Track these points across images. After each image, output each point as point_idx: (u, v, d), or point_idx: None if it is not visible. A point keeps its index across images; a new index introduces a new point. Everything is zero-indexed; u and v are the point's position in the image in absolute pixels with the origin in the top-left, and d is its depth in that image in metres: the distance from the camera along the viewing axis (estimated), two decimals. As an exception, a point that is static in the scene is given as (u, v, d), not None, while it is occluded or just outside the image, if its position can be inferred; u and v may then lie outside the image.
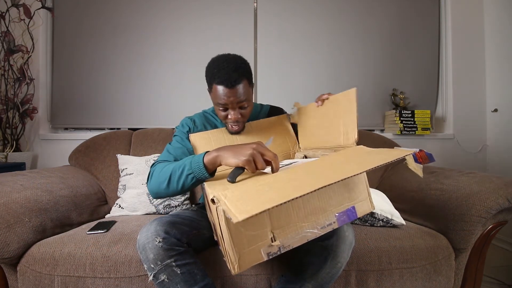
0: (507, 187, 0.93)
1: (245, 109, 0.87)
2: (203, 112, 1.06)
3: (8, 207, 0.85)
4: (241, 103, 0.84)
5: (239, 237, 0.54)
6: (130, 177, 1.28)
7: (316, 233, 0.61)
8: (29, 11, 1.60)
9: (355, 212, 0.66)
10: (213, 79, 0.82)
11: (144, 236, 0.70)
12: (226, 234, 0.54)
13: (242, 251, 0.54)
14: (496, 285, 1.30)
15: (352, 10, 1.92)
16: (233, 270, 0.54)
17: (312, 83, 1.89)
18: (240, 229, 0.54)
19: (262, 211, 0.42)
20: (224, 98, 0.82)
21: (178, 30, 1.82)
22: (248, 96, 0.86)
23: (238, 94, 0.82)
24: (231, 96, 0.82)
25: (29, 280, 0.84)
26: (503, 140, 1.85)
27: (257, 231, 0.56)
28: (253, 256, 0.55)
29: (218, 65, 0.82)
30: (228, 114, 0.86)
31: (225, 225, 0.53)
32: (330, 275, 0.75)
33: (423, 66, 1.98)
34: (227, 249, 0.54)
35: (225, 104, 0.84)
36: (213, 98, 0.87)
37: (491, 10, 1.93)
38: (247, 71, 0.85)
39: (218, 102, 0.84)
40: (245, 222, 0.49)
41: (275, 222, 0.58)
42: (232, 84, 0.80)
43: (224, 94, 0.81)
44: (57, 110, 1.77)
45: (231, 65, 0.81)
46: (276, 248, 0.57)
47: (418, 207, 1.11)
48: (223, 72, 0.80)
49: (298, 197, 0.44)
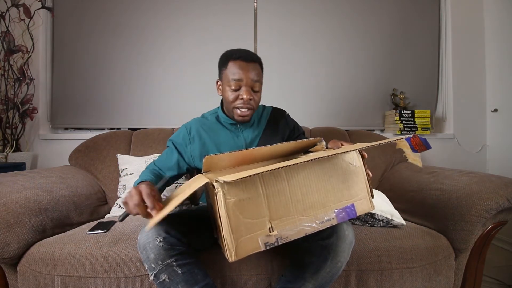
0: (507, 187, 0.93)
1: (256, 93, 0.90)
2: (202, 116, 1.06)
3: (8, 207, 0.85)
4: (254, 84, 0.88)
5: (237, 224, 0.55)
6: (130, 177, 1.28)
7: (314, 227, 0.61)
8: (29, 11, 1.60)
9: (354, 210, 0.66)
10: (230, 57, 0.87)
11: (145, 236, 0.70)
12: (224, 219, 0.54)
13: (240, 238, 0.55)
14: (496, 285, 1.30)
15: (352, 10, 1.92)
16: (230, 257, 0.55)
17: (312, 83, 1.89)
18: (238, 215, 0.55)
19: (249, 176, 0.50)
20: (240, 72, 0.85)
21: (178, 30, 1.82)
22: (260, 79, 0.90)
23: (254, 71, 0.87)
24: (247, 71, 0.86)
25: (29, 280, 0.84)
26: (503, 140, 1.85)
27: (255, 220, 0.57)
28: (250, 244, 0.56)
29: (234, 49, 0.90)
30: (240, 94, 0.88)
31: (224, 211, 0.54)
32: (330, 275, 0.75)
33: (423, 66, 1.98)
34: (224, 235, 0.55)
35: (239, 80, 0.86)
36: (226, 77, 0.89)
37: (491, 10, 1.93)
38: (260, 59, 0.93)
39: (233, 78, 0.86)
40: (243, 208, 0.55)
41: (274, 213, 0.59)
42: (249, 59, 0.86)
43: (242, 68, 0.85)
44: (57, 110, 1.77)
45: (247, 50, 0.91)
46: (274, 239, 0.57)
47: (418, 207, 1.11)
48: (241, 51, 0.88)
49: (281, 168, 0.53)
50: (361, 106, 1.93)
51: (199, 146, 0.97)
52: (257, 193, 0.58)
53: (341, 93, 1.91)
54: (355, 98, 1.92)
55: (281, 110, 1.11)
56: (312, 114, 1.88)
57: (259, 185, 0.58)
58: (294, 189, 0.61)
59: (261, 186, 0.59)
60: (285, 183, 0.61)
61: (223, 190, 0.54)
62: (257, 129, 1.02)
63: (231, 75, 0.86)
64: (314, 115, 1.88)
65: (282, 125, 1.06)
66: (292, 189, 0.61)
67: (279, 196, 0.60)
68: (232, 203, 0.55)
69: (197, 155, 0.97)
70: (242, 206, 0.56)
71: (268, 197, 0.59)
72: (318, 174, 0.64)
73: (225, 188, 0.55)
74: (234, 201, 0.55)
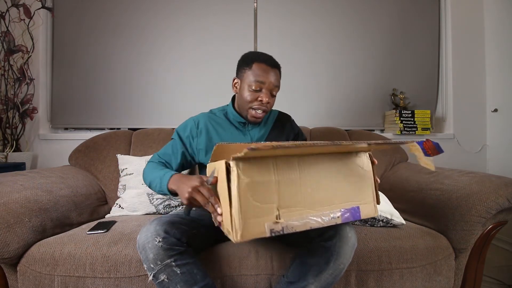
0: (507, 187, 0.93)
1: (273, 97, 0.93)
2: (210, 112, 1.06)
3: (8, 207, 0.85)
4: (274, 88, 0.91)
5: (246, 205, 0.56)
6: (130, 177, 1.28)
7: (320, 222, 0.62)
8: (29, 11, 1.60)
9: (359, 212, 0.67)
10: (256, 59, 0.90)
11: (144, 236, 0.70)
12: (235, 199, 0.55)
13: (248, 220, 0.55)
14: (496, 285, 1.30)
15: (352, 10, 1.92)
16: (235, 237, 0.55)
17: (312, 83, 1.89)
18: (249, 197, 0.56)
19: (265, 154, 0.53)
20: (264, 75, 0.88)
21: (178, 30, 1.82)
22: (279, 85, 0.94)
23: (277, 77, 0.90)
24: (272, 76, 0.89)
25: (29, 280, 0.84)
26: (503, 140, 1.85)
27: (264, 204, 0.57)
28: (257, 228, 0.56)
29: (258, 52, 0.93)
30: (260, 95, 0.90)
31: (236, 190, 0.55)
32: (332, 276, 0.75)
33: (423, 66, 1.98)
34: (233, 214, 0.55)
35: (262, 83, 0.88)
36: (249, 77, 0.90)
37: (491, 10, 1.93)
38: (280, 67, 0.96)
39: (257, 79, 0.88)
40: (254, 190, 0.56)
41: (282, 201, 0.59)
42: (273, 64, 0.89)
43: (266, 71, 0.88)
44: (57, 110, 1.77)
45: (271, 56, 0.94)
46: (280, 227, 0.58)
47: (418, 207, 1.11)
48: (267, 55, 0.91)
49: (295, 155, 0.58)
50: (361, 106, 1.93)
51: (205, 140, 0.97)
52: (270, 178, 0.58)
53: (341, 93, 1.91)
54: (355, 98, 1.92)
55: (287, 114, 1.14)
56: (312, 114, 1.88)
57: (272, 170, 0.59)
58: (304, 181, 0.62)
59: (274, 173, 0.59)
60: (297, 174, 0.62)
61: (237, 169, 0.55)
62: (264, 129, 1.03)
63: (254, 76, 0.88)
64: (314, 115, 1.88)
65: (288, 128, 1.09)
66: (303, 181, 0.62)
67: (290, 185, 0.60)
68: (245, 183, 0.55)
69: (202, 148, 0.97)
70: (254, 188, 0.56)
71: (279, 184, 0.59)
72: (329, 171, 0.65)
73: (240, 168, 0.55)
74: (247, 182, 0.56)
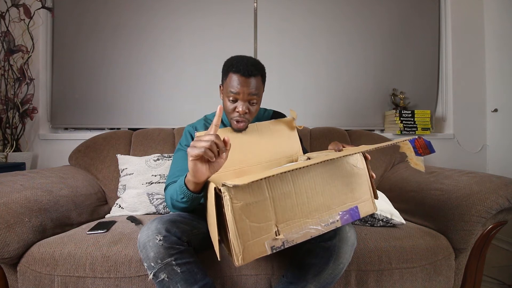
0: (507, 187, 0.93)
1: (253, 105, 0.89)
2: (205, 117, 1.07)
3: (8, 207, 0.85)
4: (252, 97, 0.87)
5: (244, 228, 0.55)
6: (130, 177, 1.28)
7: (319, 230, 0.61)
8: (29, 11, 1.59)
9: (358, 212, 0.67)
10: (231, 68, 0.87)
11: (145, 234, 0.70)
12: (231, 224, 0.54)
13: (247, 242, 0.55)
14: (496, 285, 1.30)
15: (352, 10, 1.92)
16: (237, 261, 0.54)
17: (312, 83, 1.89)
18: (245, 219, 0.55)
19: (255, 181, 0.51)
20: (237, 87, 0.85)
21: (178, 30, 1.82)
22: (259, 92, 0.89)
23: (251, 86, 0.86)
24: (245, 86, 0.85)
25: (29, 280, 0.84)
26: (503, 140, 1.85)
27: (262, 223, 0.57)
28: (257, 248, 0.56)
29: (238, 58, 0.89)
30: (237, 106, 0.87)
31: (231, 215, 0.54)
32: (332, 276, 0.75)
33: (423, 66, 1.97)
34: (231, 239, 0.54)
35: (237, 93, 0.86)
36: (226, 87, 0.88)
37: (491, 10, 1.93)
38: (263, 70, 0.91)
39: (231, 90, 0.86)
40: (249, 212, 0.55)
41: (280, 216, 0.58)
42: (248, 74, 0.85)
43: (239, 83, 0.84)
44: (57, 110, 1.76)
45: (250, 60, 0.88)
46: (280, 242, 0.57)
47: (418, 207, 1.11)
48: (242, 63, 0.86)
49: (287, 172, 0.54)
50: (361, 106, 1.93)
51: None
52: (264, 196, 0.58)
53: (341, 93, 1.91)
54: (355, 98, 1.92)
55: (282, 114, 1.12)
56: (312, 114, 1.88)
57: (266, 188, 0.58)
58: (299, 191, 0.61)
59: (268, 189, 0.58)
60: (291, 185, 0.61)
61: (229, 194, 0.54)
62: None
63: (229, 87, 0.86)
64: (314, 115, 1.88)
65: None
66: (298, 192, 0.61)
67: (285, 199, 0.60)
68: (238, 207, 0.55)
69: None
70: (248, 210, 0.56)
71: (274, 200, 0.58)
72: (323, 176, 0.65)
73: (231, 192, 0.54)
74: (241, 205, 0.55)
